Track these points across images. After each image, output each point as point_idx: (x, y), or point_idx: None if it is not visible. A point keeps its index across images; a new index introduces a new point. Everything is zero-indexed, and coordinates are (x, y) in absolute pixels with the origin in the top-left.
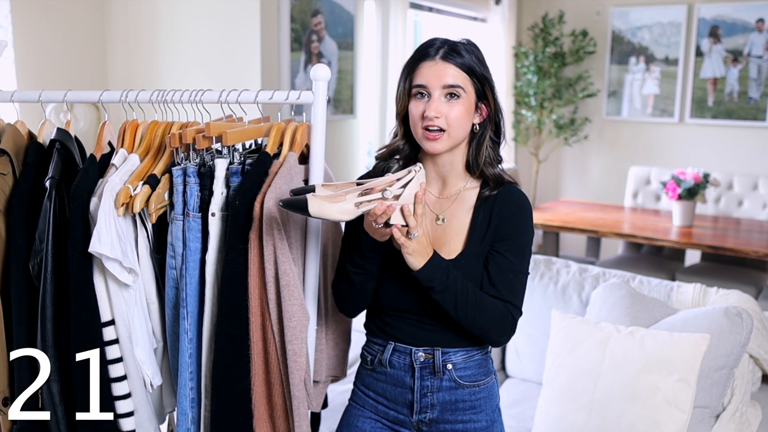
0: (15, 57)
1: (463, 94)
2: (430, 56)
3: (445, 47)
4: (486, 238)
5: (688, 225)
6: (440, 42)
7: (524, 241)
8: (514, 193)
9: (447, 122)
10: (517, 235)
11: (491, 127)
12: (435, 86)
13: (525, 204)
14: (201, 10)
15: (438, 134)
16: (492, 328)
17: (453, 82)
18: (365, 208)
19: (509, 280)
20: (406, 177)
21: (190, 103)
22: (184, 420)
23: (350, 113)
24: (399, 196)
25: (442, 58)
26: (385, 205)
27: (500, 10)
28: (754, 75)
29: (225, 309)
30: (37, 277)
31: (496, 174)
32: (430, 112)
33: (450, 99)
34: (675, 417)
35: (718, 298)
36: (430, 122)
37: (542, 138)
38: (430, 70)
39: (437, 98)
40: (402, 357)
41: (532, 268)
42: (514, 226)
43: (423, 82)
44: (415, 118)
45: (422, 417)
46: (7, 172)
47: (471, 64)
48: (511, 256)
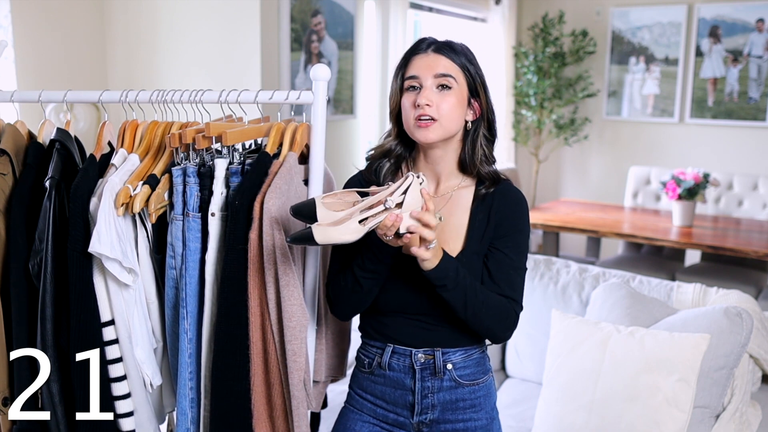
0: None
1: (454, 85)
2: (422, 50)
3: (437, 42)
4: (485, 236)
5: (688, 225)
6: (432, 39)
7: (523, 239)
8: (511, 191)
9: (438, 112)
10: (516, 232)
11: (484, 125)
12: (426, 76)
13: (522, 202)
14: (201, 10)
15: (429, 122)
16: (496, 325)
17: (444, 71)
18: (371, 224)
19: (510, 276)
20: (405, 183)
21: (190, 103)
22: (184, 420)
23: (350, 113)
24: (402, 204)
25: (434, 51)
26: (394, 216)
27: (500, 10)
28: (754, 75)
29: (224, 309)
30: (36, 277)
31: (491, 172)
32: (422, 100)
33: (442, 90)
34: (675, 417)
35: (718, 298)
36: (422, 111)
37: (542, 138)
38: (422, 61)
39: (429, 87)
40: (402, 359)
41: (532, 268)
42: (513, 224)
43: (414, 72)
44: (407, 110)
45: (423, 418)
46: (7, 172)
47: (462, 58)
48: (510, 253)
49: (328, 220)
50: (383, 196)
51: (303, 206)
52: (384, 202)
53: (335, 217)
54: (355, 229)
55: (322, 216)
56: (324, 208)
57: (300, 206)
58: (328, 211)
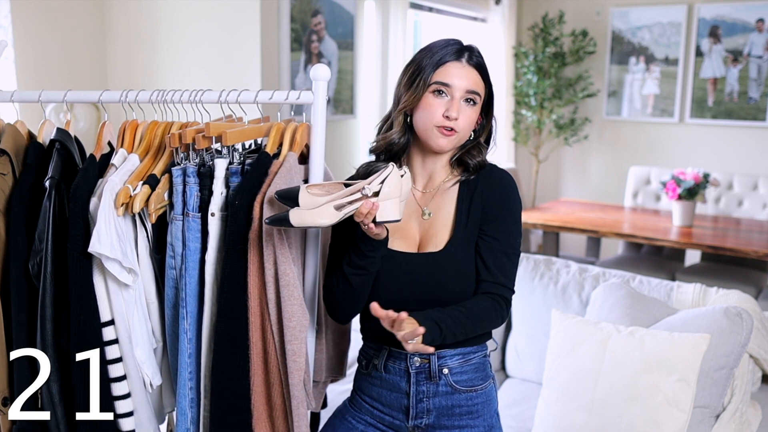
0: (15, 57)
1: (478, 101)
2: (462, 59)
3: (474, 54)
4: (471, 221)
5: (688, 225)
6: (467, 46)
7: (513, 221)
8: (495, 172)
9: (460, 125)
10: (506, 216)
11: (484, 135)
12: (459, 88)
13: (509, 182)
14: (201, 10)
15: (451, 133)
16: (488, 326)
17: (475, 88)
18: (347, 210)
19: (502, 263)
20: (384, 173)
21: (190, 103)
22: (184, 420)
23: (350, 113)
24: (378, 193)
25: (474, 66)
26: (370, 203)
27: (500, 10)
28: (754, 75)
29: (224, 309)
30: (36, 277)
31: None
32: (453, 113)
33: (468, 104)
34: (675, 417)
35: (718, 298)
36: (450, 122)
37: (542, 138)
38: (459, 72)
39: (458, 99)
40: (397, 362)
41: (532, 269)
42: (501, 207)
43: (448, 81)
44: (431, 113)
45: (418, 422)
46: (7, 172)
47: (488, 77)
48: (501, 238)
49: (306, 206)
50: (362, 184)
51: (288, 191)
52: (361, 190)
53: (313, 201)
54: (329, 214)
55: (303, 202)
56: (307, 195)
57: (285, 191)
58: (312, 197)
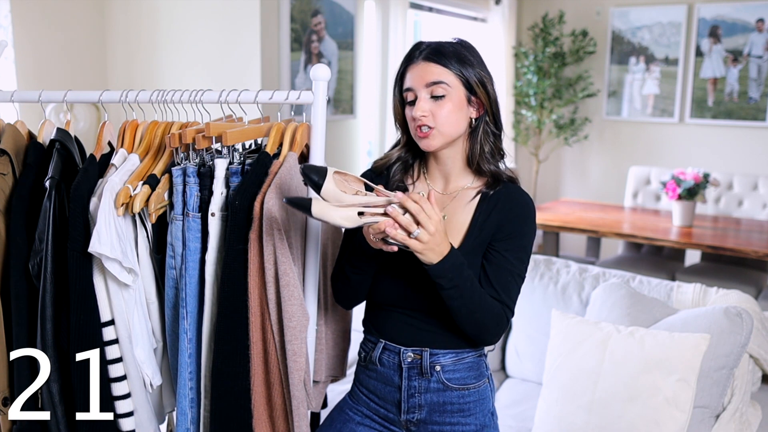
0: (15, 57)
1: (448, 90)
2: (414, 58)
3: (428, 49)
4: (483, 233)
5: (688, 225)
6: (424, 45)
7: (525, 244)
8: (518, 194)
9: (435, 120)
10: (519, 237)
11: (489, 119)
12: (419, 86)
13: (529, 206)
14: (201, 10)
15: (428, 131)
16: (488, 329)
17: (435, 78)
18: (367, 220)
19: (507, 282)
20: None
21: (190, 103)
22: (184, 420)
23: (350, 113)
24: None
25: (423, 59)
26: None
27: (500, 10)
28: (754, 75)
29: (224, 309)
30: (36, 277)
31: (492, 170)
32: (416, 113)
33: (437, 100)
34: (675, 417)
35: (718, 298)
36: (419, 122)
37: (542, 138)
38: (415, 72)
39: (423, 98)
40: (391, 356)
41: (532, 268)
42: (517, 228)
43: (409, 85)
44: (409, 122)
45: (410, 417)
46: (7, 172)
47: (453, 60)
48: (511, 257)
49: (329, 195)
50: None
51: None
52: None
53: (338, 195)
54: (352, 219)
55: (327, 188)
56: (332, 182)
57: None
58: (335, 188)
